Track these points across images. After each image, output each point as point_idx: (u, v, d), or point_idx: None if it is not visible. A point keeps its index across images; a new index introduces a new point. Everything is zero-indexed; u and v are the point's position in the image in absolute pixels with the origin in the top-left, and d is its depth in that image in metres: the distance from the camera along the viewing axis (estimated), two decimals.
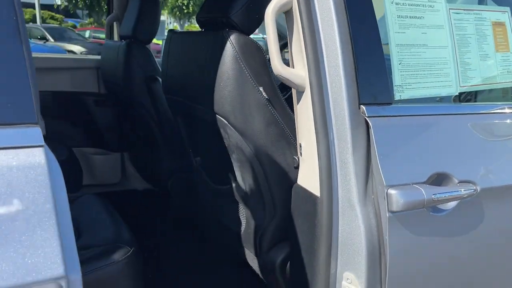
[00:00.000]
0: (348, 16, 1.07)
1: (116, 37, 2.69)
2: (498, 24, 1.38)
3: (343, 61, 1.06)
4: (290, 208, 1.25)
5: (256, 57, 1.26)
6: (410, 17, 1.20)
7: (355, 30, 1.08)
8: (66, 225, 0.69)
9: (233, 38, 1.23)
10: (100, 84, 2.62)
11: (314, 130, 1.10)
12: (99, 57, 2.63)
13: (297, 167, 1.23)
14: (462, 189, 1.13)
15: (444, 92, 1.25)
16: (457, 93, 1.28)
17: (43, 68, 2.54)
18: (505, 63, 1.38)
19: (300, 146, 1.18)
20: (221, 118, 1.28)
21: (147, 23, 2.11)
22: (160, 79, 1.95)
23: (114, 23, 2.67)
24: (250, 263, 1.53)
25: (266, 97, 1.25)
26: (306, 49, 1.09)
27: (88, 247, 1.23)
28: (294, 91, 1.19)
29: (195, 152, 1.68)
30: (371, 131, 1.05)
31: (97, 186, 2.78)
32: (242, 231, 1.49)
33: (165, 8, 24.08)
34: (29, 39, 14.60)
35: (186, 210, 2.05)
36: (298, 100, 1.16)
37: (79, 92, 2.62)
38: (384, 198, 1.04)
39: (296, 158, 1.23)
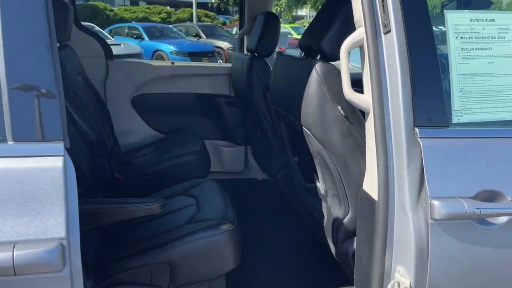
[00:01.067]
0: (408, 51, 1.27)
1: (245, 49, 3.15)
2: None
3: (402, 89, 1.28)
4: None
5: (337, 81, 1.52)
6: (476, 49, 1.34)
7: (414, 63, 1.27)
8: (73, 205, 1.04)
9: (317, 66, 1.52)
10: (230, 88, 3.12)
11: (375, 145, 1.34)
12: (230, 65, 3.12)
13: None
14: None
15: (509, 117, 1.36)
16: None
17: (188, 74, 3.13)
18: None
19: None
20: (306, 129, 1.59)
21: (268, 40, 2.49)
22: None
23: (245, 36, 3.12)
24: (331, 250, 1.81)
25: (343, 114, 1.51)
26: (371, 78, 1.32)
27: (202, 220, 1.66)
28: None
29: (293, 152, 2.01)
30: (422, 150, 1.25)
31: (224, 173, 3.30)
32: (325, 223, 1.78)
33: (308, 2, 24.58)
34: (186, 36, 16.31)
35: (289, 201, 2.39)
36: (366, 119, 1.40)
37: (214, 94, 3.16)
38: (428, 207, 1.24)
39: None
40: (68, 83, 2.30)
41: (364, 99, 1.37)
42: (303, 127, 1.60)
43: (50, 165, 1.03)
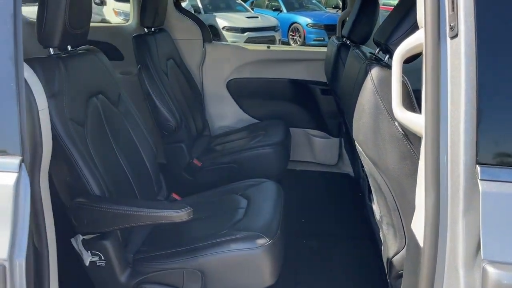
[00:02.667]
0: (478, 63, 0.96)
1: None
2: None
3: (465, 112, 0.97)
4: None
5: None
6: None
7: (485, 80, 0.95)
8: (22, 225, 0.98)
9: (373, 72, 1.25)
10: None
11: (424, 179, 1.06)
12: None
13: None
14: None
15: None
16: None
17: (284, 59, 2.99)
18: None
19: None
20: (357, 146, 1.35)
21: (362, 27, 2.19)
22: None
23: (347, 19, 2.83)
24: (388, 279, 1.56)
25: (402, 132, 1.24)
26: (426, 94, 1.04)
27: (242, 229, 1.56)
28: None
29: (362, 162, 1.76)
30: (480, 195, 0.95)
31: (316, 164, 3.13)
32: (382, 250, 1.53)
33: None
34: (325, 8, 15.81)
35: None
36: (420, 145, 1.12)
37: (310, 81, 2.96)
38: (480, 272, 0.94)
39: None
40: (155, 70, 2.36)
41: (417, 121, 1.09)
42: (355, 142, 1.37)
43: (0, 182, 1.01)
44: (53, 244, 1.30)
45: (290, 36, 12.93)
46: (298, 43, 12.46)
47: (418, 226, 1.14)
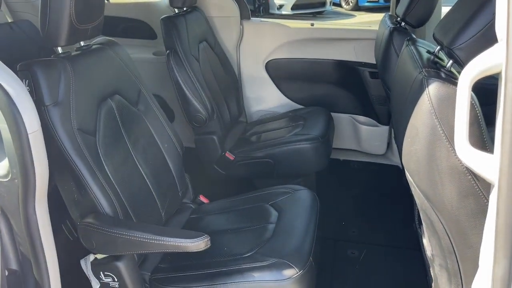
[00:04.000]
0: None
1: None
2: None
3: None
4: None
5: None
6: None
7: None
8: None
9: (431, 88, 0.99)
10: None
11: (494, 239, 0.82)
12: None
13: None
14: None
15: None
16: None
17: (329, 38, 2.69)
18: None
19: None
20: (408, 174, 1.11)
21: (419, 8, 1.86)
22: None
23: None
24: None
25: (465, 164, 0.98)
26: (503, 132, 0.78)
27: (268, 255, 1.37)
28: None
29: None
30: None
31: (362, 154, 2.87)
32: (432, 287, 1.31)
33: None
34: None
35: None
36: (490, 192, 0.87)
37: (357, 62, 2.66)
38: None
39: None
40: (184, 56, 2.17)
41: (488, 163, 0.83)
42: (405, 169, 1.12)
43: None
44: (54, 271, 1.19)
45: None
46: (351, 4, 11.75)
47: None
